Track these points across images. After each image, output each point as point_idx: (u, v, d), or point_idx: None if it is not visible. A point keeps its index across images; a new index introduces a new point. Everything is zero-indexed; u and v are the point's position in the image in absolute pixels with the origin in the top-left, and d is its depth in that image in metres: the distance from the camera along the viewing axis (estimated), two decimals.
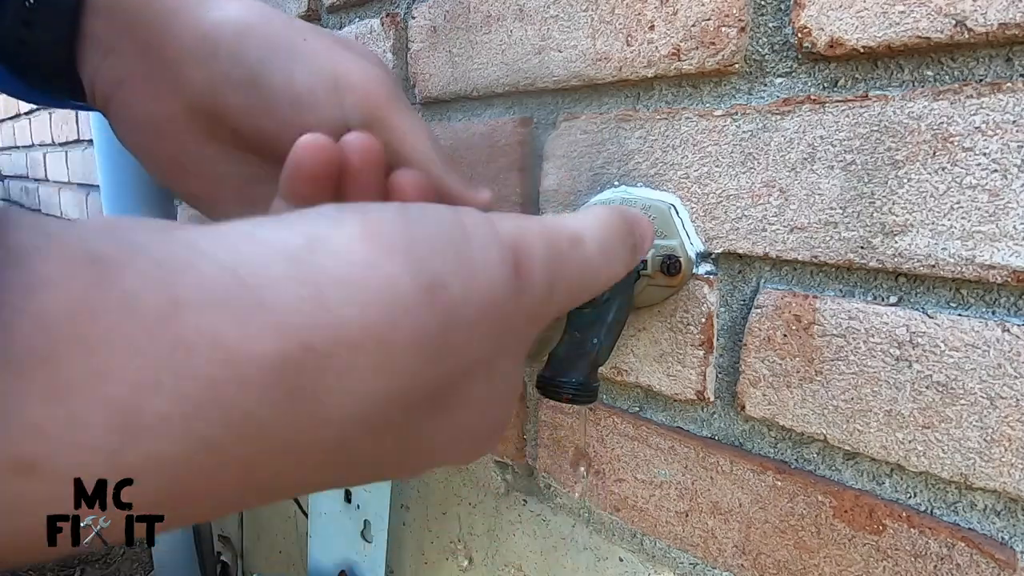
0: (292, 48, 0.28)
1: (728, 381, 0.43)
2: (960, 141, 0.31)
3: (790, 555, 0.41)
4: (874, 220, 0.35)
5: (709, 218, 0.42)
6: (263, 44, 0.28)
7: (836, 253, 0.36)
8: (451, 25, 0.56)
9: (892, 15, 0.33)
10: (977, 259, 0.32)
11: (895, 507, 0.36)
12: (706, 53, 0.40)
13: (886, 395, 0.35)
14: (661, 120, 0.43)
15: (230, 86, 0.28)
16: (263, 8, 0.30)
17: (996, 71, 0.31)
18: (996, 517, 0.34)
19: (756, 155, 0.39)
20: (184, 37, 0.28)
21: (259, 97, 0.28)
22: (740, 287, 0.42)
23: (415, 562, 0.74)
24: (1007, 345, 0.31)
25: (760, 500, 0.42)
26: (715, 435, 0.45)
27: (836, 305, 0.37)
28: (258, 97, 0.28)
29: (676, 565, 0.48)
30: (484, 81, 0.54)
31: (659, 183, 0.44)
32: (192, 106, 0.30)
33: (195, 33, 0.28)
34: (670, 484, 0.47)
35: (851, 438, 0.37)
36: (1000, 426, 0.32)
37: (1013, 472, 0.32)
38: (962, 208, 0.32)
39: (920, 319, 0.34)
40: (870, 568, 0.37)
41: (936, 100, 0.32)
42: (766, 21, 0.38)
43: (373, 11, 0.65)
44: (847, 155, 0.35)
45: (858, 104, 0.35)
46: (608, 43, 0.45)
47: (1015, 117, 0.30)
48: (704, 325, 0.43)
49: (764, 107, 0.38)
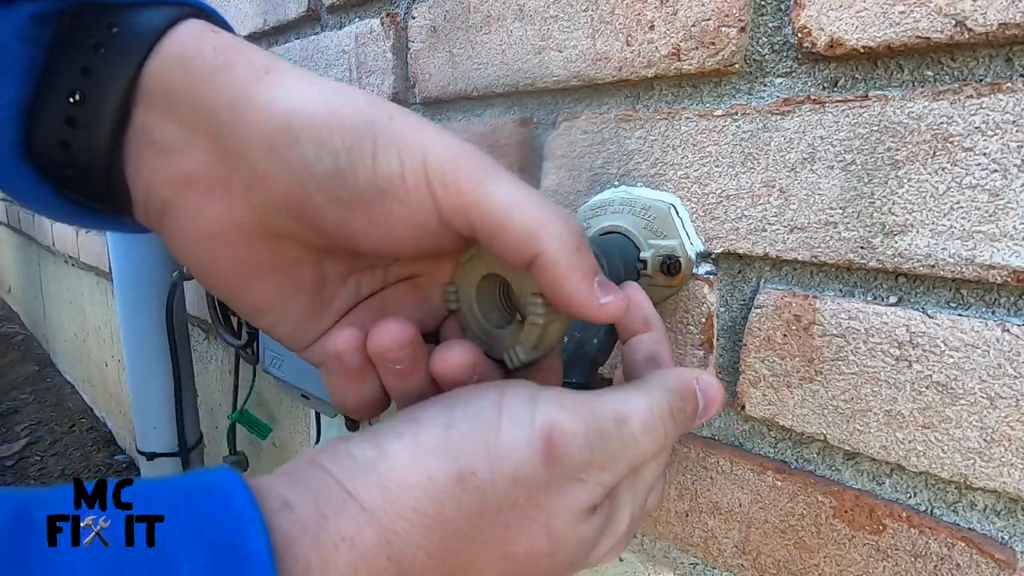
0: (377, 130, 0.25)
1: (728, 381, 0.43)
2: (960, 141, 0.31)
3: (790, 555, 0.41)
4: (874, 220, 0.35)
5: (709, 218, 0.42)
6: (349, 131, 0.25)
7: (836, 253, 0.36)
8: (451, 25, 0.56)
9: (892, 15, 0.33)
10: (977, 259, 0.32)
11: (895, 507, 0.36)
12: (706, 53, 0.40)
13: (886, 395, 0.35)
14: (661, 120, 0.43)
15: (314, 180, 0.25)
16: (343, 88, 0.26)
17: (996, 71, 0.31)
18: (996, 517, 0.34)
19: (756, 155, 0.39)
20: (259, 127, 0.25)
21: (345, 190, 0.25)
22: (740, 287, 0.42)
23: None
24: (1007, 345, 0.31)
25: (760, 500, 0.42)
26: (715, 435, 0.45)
27: (836, 305, 0.37)
28: (344, 190, 0.25)
29: (676, 565, 0.48)
30: (484, 81, 0.54)
31: (659, 183, 0.44)
32: (269, 205, 0.26)
33: (272, 121, 0.25)
34: (670, 484, 0.47)
35: (851, 438, 0.37)
36: (1000, 426, 0.32)
37: (1013, 472, 0.32)
38: (962, 208, 0.32)
39: (920, 319, 0.34)
40: (870, 568, 0.37)
41: (936, 100, 0.32)
42: (766, 21, 0.38)
43: (373, 11, 0.65)
44: (847, 155, 0.35)
45: (858, 104, 0.35)
46: (608, 43, 0.45)
47: (1015, 117, 0.30)
48: (704, 325, 0.43)
49: (764, 107, 0.38)
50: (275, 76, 0.26)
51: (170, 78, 0.26)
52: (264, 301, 0.29)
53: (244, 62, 0.26)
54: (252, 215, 0.26)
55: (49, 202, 0.28)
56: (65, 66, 0.26)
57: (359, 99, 0.25)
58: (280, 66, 0.26)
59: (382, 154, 0.24)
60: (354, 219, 0.25)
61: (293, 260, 0.28)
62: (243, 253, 0.27)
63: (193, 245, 0.27)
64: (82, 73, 0.25)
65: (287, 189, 0.25)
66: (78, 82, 0.25)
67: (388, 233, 0.25)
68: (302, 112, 0.25)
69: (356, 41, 0.67)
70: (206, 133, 0.26)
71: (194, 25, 0.27)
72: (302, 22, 0.74)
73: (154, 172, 0.27)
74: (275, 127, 0.25)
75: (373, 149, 0.24)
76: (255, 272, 0.28)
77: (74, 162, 0.26)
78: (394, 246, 0.26)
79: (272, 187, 0.25)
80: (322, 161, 0.24)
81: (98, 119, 0.26)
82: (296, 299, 0.29)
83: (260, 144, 0.25)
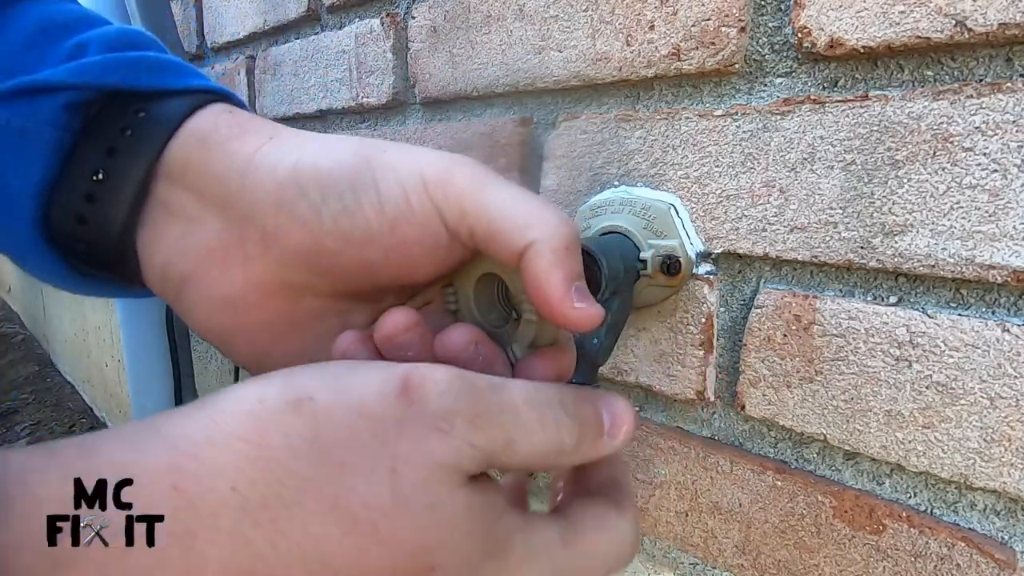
0: (374, 165, 0.26)
1: (728, 381, 0.43)
2: (960, 141, 0.31)
3: (790, 555, 0.41)
4: (874, 220, 0.35)
5: (709, 218, 0.42)
6: (349, 172, 0.26)
7: (836, 253, 0.36)
8: (451, 25, 0.56)
9: (892, 15, 0.33)
10: (977, 259, 0.32)
11: (895, 507, 0.36)
12: (706, 53, 0.40)
13: (886, 395, 0.35)
14: (661, 120, 0.43)
15: (324, 225, 0.25)
16: (341, 139, 0.27)
17: (996, 71, 0.31)
18: (996, 517, 0.34)
19: (756, 155, 0.39)
20: (265, 186, 0.26)
21: (356, 229, 0.25)
22: (740, 287, 0.42)
23: None
24: (1007, 345, 0.31)
25: (760, 500, 0.42)
26: (715, 435, 0.45)
27: (836, 305, 0.37)
28: (353, 227, 0.25)
29: (676, 565, 0.48)
30: (484, 81, 0.54)
31: (659, 183, 0.44)
32: (285, 259, 0.26)
33: (277, 179, 0.26)
34: (670, 484, 0.47)
35: (851, 438, 0.37)
36: (1000, 426, 0.32)
37: (1013, 472, 0.32)
38: (962, 208, 0.32)
39: (920, 319, 0.34)
40: (870, 568, 0.37)
41: (936, 100, 0.32)
42: (766, 21, 0.38)
43: (373, 11, 0.65)
44: (847, 155, 0.35)
45: (858, 104, 0.35)
46: (608, 43, 0.45)
47: (1015, 117, 0.30)
48: (704, 325, 0.43)
49: (764, 107, 0.38)
50: (278, 140, 0.27)
51: (189, 153, 0.27)
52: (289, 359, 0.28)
53: (254, 130, 0.27)
54: (271, 273, 0.27)
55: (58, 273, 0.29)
56: (92, 148, 0.27)
57: (354, 143, 0.27)
58: (284, 132, 0.28)
59: (383, 183, 0.25)
60: (371, 254, 0.26)
61: (316, 313, 0.28)
62: (266, 314, 0.28)
63: (215, 314, 0.28)
64: (107, 153, 0.27)
65: (300, 240, 0.26)
66: (103, 161, 0.27)
67: (406, 259, 0.26)
68: (306, 165, 0.26)
69: (356, 41, 0.67)
70: (215, 202, 0.27)
71: (215, 107, 0.29)
72: (302, 22, 0.74)
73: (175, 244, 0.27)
74: (281, 183, 0.26)
75: (374, 181, 0.25)
76: (280, 332, 0.28)
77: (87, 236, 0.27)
78: (413, 272, 0.26)
79: (285, 242, 0.26)
80: (329, 205, 0.25)
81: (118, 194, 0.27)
82: (324, 352, 0.28)
83: (268, 202, 0.26)
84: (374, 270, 0.26)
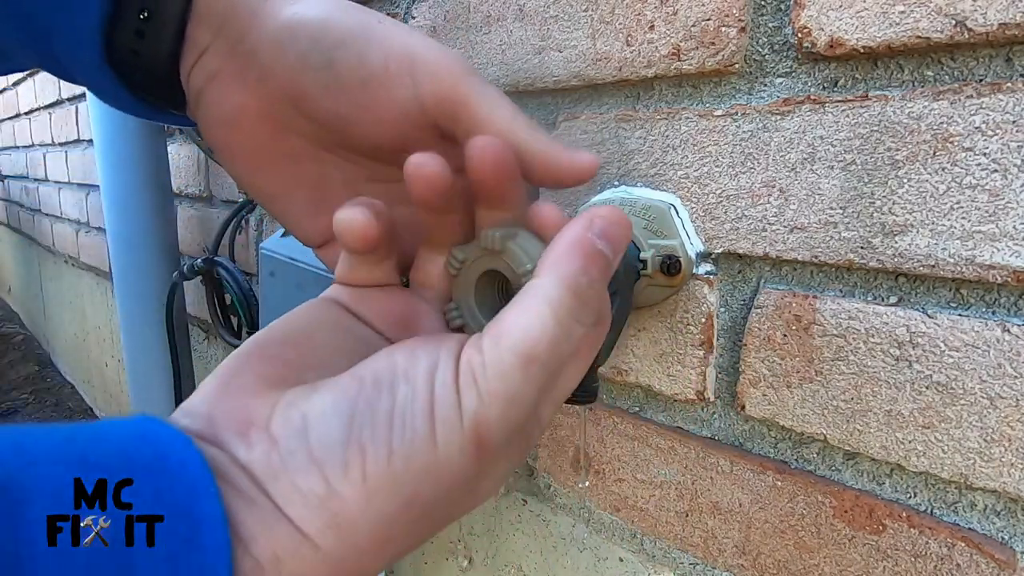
0: (367, 29, 0.30)
1: (728, 381, 0.43)
2: (960, 141, 0.31)
3: (790, 555, 0.41)
4: (874, 220, 0.35)
5: (709, 218, 0.42)
6: (340, 28, 0.30)
7: (836, 253, 0.36)
8: (451, 25, 0.56)
9: (892, 15, 0.33)
10: (977, 259, 0.32)
11: (895, 507, 0.36)
12: (706, 53, 0.40)
13: (886, 395, 0.35)
14: (661, 120, 0.43)
15: (308, 69, 0.30)
16: (344, 2, 0.32)
17: (996, 71, 0.31)
18: (996, 517, 0.34)
19: (756, 155, 0.39)
20: (267, 28, 0.30)
21: (334, 78, 0.30)
22: (740, 287, 0.42)
23: (415, 562, 0.74)
24: (1007, 345, 0.31)
25: (760, 500, 0.42)
26: (715, 435, 0.45)
27: (836, 305, 0.37)
28: (333, 78, 0.30)
29: (676, 565, 0.48)
30: None
31: (659, 183, 0.44)
32: (272, 95, 0.31)
33: (277, 23, 0.30)
34: (670, 484, 0.47)
35: (851, 438, 0.37)
36: (1000, 426, 0.32)
37: (1013, 472, 0.32)
38: (962, 208, 0.32)
39: (920, 319, 0.34)
40: (870, 568, 0.37)
41: (936, 100, 0.32)
42: (766, 21, 0.38)
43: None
44: (847, 155, 0.35)
45: (858, 104, 0.35)
46: (608, 43, 0.45)
47: (1015, 117, 0.30)
48: (704, 325, 0.43)
49: (764, 107, 0.38)
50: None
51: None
52: (271, 187, 0.34)
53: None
54: (261, 103, 0.31)
55: (127, 101, 0.33)
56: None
57: (352, 8, 0.31)
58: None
59: (371, 47, 0.29)
60: (342, 104, 0.30)
61: (295, 152, 0.33)
62: (254, 139, 0.32)
63: (216, 128, 0.33)
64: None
65: (287, 81, 0.30)
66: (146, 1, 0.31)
67: (372, 116, 0.30)
68: (302, 17, 0.30)
69: None
70: (229, 37, 0.31)
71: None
72: None
73: (190, 69, 0.32)
74: (280, 29, 0.30)
75: (358, 47, 0.29)
76: (264, 158, 0.33)
77: (142, 65, 0.32)
78: (380, 133, 0.30)
79: (275, 80, 0.30)
80: (315, 56, 0.29)
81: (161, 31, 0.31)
82: (298, 191, 0.33)
83: (268, 44, 0.30)
84: (347, 122, 0.31)
